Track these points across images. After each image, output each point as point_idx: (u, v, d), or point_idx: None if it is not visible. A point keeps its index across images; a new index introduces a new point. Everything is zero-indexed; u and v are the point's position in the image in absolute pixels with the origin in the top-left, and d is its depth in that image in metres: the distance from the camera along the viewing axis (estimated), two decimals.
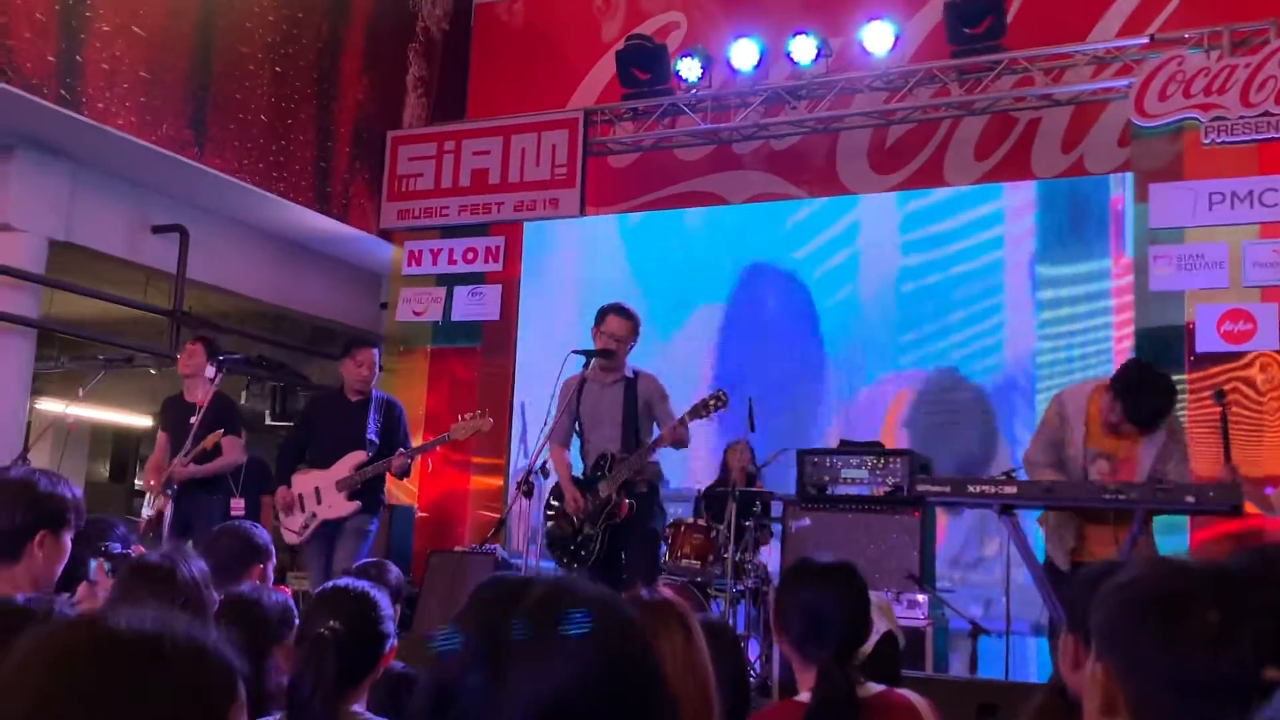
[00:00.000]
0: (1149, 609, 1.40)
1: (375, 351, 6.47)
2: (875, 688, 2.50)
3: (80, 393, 7.41)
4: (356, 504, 6.18)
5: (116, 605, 2.62)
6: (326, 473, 6.25)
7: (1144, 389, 4.54)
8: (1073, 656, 1.92)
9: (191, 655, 1.08)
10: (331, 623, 2.24)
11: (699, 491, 7.26)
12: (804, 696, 2.49)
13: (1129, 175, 7.11)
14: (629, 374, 5.74)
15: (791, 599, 2.59)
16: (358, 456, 6.23)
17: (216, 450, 6.28)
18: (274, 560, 3.53)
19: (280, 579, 6.83)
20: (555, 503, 5.74)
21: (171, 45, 7.31)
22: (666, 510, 6.08)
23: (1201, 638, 1.34)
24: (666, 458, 5.87)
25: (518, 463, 7.87)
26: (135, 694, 1.03)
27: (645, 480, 5.67)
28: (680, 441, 5.59)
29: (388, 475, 6.36)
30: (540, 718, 0.98)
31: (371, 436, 6.30)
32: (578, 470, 5.79)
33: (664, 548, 6.00)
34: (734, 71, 7.94)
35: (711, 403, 5.46)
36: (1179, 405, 6.15)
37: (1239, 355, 6.27)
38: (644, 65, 8.13)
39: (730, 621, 5.61)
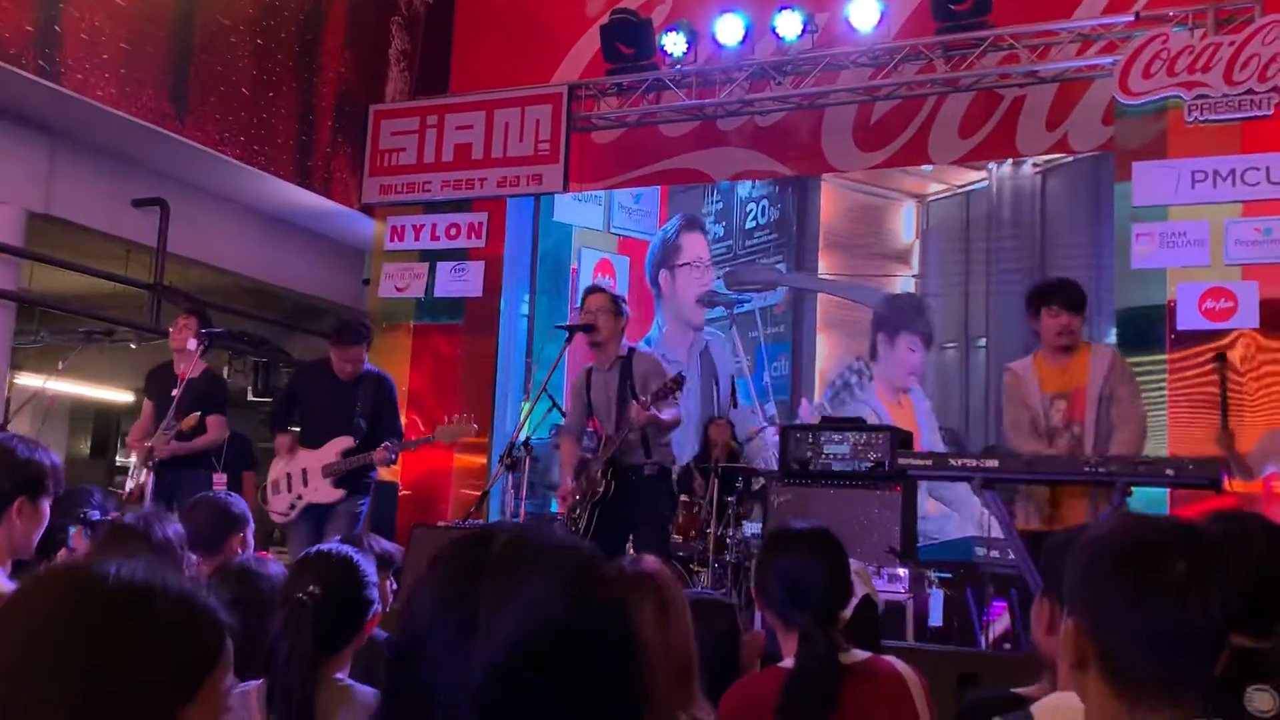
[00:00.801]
0: (1118, 562, 1.41)
1: (363, 348, 6.35)
2: (860, 654, 2.51)
3: (60, 366, 7.37)
4: (342, 492, 6.19)
5: None
6: (314, 454, 6.24)
7: (1058, 280, 5.01)
8: (1046, 621, 1.93)
9: (181, 607, 1.08)
10: (311, 588, 2.23)
11: (680, 467, 7.27)
12: (788, 663, 2.49)
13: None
14: (624, 353, 5.76)
15: (770, 567, 2.60)
16: (344, 442, 6.21)
17: (200, 428, 6.27)
18: (252, 527, 3.52)
19: (263, 549, 6.83)
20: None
21: (152, 16, 7.24)
22: None
23: (1169, 589, 1.36)
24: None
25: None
26: (123, 643, 1.03)
27: (655, 463, 5.66)
28: (654, 422, 5.55)
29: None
30: (509, 666, 0.97)
31: (360, 420, 6.27)
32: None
33: None
34: (719, 47, 7.91)
35: (672, 385, 5.50)
36: (1160, 379, 6.21)
37: (1220, 333, 6.28)
38: (629, 40, 8.08)
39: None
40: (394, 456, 6.41)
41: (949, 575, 5.35)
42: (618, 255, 9.65)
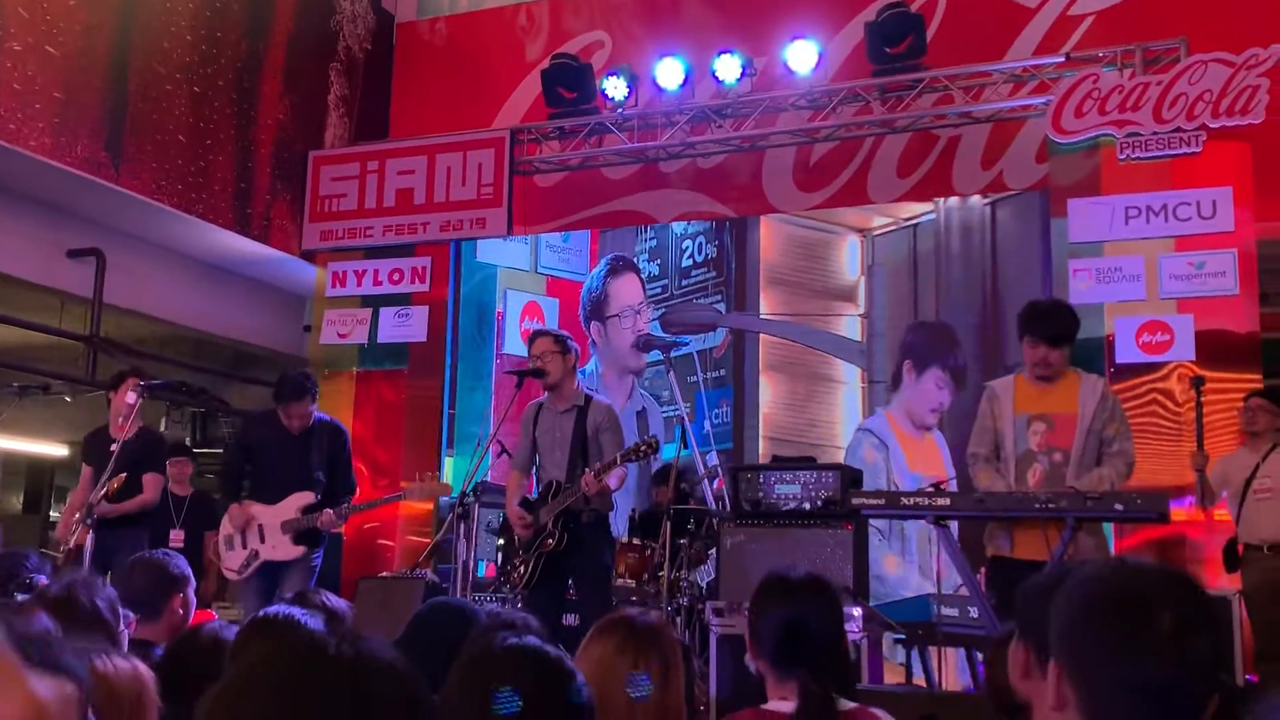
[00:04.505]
0: (1103, 611, 1.40)
1: (307, 403, 6.18)
2: (848, 705, 2.50)
3: None
4: (302, 549, 6.08)
5: None
6: (270, 510, 6.12)
7: (1043, 306, 4.97)
8: (1023, 666, 1.93)
9: None
10: None
11: (633, 512, 7.23)
12: (774, 705, 2.49)
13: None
14: (580, 401, 5.75)
15: (764, 617, 2.59)
16: (305, 498, 6.10)
17: (136, 487, 6.13)
18: (193, 585, 3.44)
19: (204, 606, 6.68)
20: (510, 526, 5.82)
21: (86, 65, 7.14)
22: None
23: (1160, 641, 1.35)
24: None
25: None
26: None
27: (594, 510, 5.64)
28: (604, 493, 5.55)
29: None
30: None
31: (319, 475, 6.16)
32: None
33: None
34: (660, 90, 7.96)
35: (644, 448, 5.48)
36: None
37: (1158, 366, 6.40)
38: (570, 84, 8.12)
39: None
40: (342, 520, 6.33)
41: (903, 637, 5.33)
42: (546, 297, 9.38)
